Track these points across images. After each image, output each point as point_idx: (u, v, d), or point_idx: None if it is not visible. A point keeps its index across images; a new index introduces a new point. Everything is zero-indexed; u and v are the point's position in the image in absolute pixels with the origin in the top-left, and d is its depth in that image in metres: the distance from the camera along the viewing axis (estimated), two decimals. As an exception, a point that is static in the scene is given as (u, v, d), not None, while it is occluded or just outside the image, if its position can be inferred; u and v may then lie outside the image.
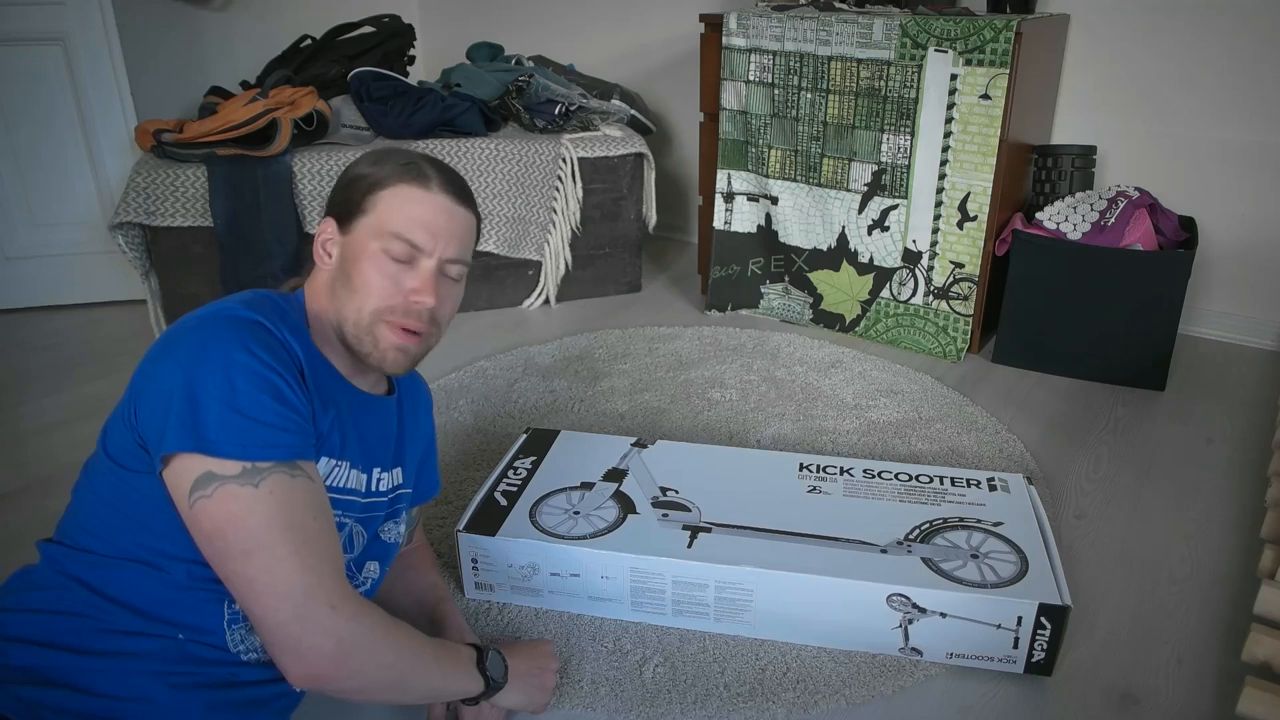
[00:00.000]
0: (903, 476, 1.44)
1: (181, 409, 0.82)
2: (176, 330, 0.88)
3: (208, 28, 2.94)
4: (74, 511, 0.92)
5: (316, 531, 0.85)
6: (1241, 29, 2.06)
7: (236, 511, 0.82)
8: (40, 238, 2.45)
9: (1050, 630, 1.16)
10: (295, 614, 0.82)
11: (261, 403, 0.84)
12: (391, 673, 0.88)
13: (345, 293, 0.98)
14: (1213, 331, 2.28)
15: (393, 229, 0.97)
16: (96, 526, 0.89)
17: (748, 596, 1.24)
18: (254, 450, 0.83)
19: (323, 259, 1.01)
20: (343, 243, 1.00)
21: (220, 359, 0.84)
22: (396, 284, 0.98)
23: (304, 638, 0.82)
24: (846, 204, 2.22)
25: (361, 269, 0.97)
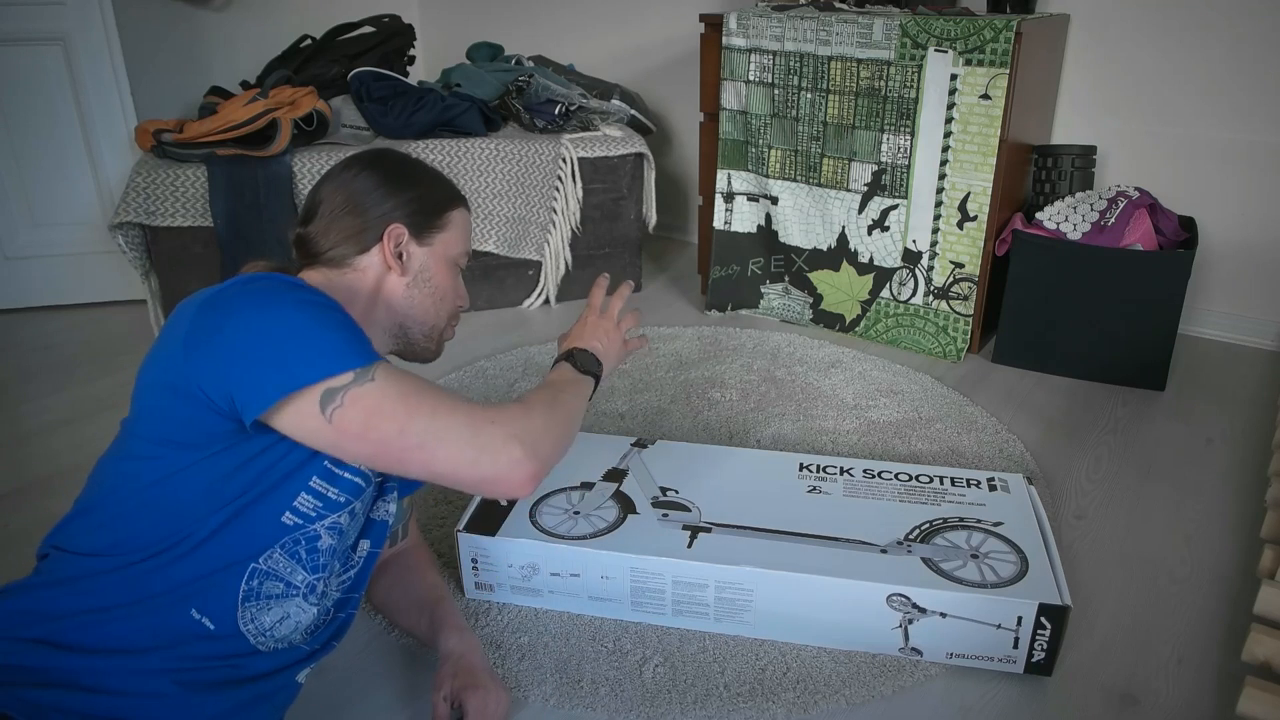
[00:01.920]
0: (903, 476, 1.44)
1: (270, 356, 0.85)
2: (210, 300, 0.89)
3: (208, 28, 2.94)
4: (90, 512, 0.91)
5: (433, 389, 0.93)
6: (1241, 29, 2.06)
7: (371, 404, 0.88)
8: (40, 237, 2.45)
9: (1050, 630, 1.16)
10: (478, 447, 0.91)
11: (334, 320, 0.90)
12: (559, 428, 1.01)
13: (428, 299, 1.10)
14: (1213, 331, 2.28)
15: (465, 247, 1.15)
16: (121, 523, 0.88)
17: (748, 596, 1.24)
18: (352, 358, 0.88)
19: (394, 263, 1.07)
20: (423, 254, 1.10)
21: (277, 301, 0.88)
22: (459, 292, 1.16)
23: (498, 460, 0.91)
24: (846, 204, 2.22)
25: (444, 278, 1.12)
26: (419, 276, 1.09)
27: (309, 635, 1.00)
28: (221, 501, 0.89)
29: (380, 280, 1.08)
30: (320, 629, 1.02)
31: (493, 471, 0.91)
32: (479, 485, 0.92)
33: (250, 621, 0.93)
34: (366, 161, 1.10)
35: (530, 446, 0.93)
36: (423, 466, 0.91)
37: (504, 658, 1.25)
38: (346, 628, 1.08)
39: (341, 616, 1.06)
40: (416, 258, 1.09)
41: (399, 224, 1.07)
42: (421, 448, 0.89)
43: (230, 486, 0.90)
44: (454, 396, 0.94)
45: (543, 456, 0.95)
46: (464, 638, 1.18)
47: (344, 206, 1.07)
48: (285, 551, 0.94)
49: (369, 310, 1.07)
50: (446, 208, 1.12)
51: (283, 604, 0.95)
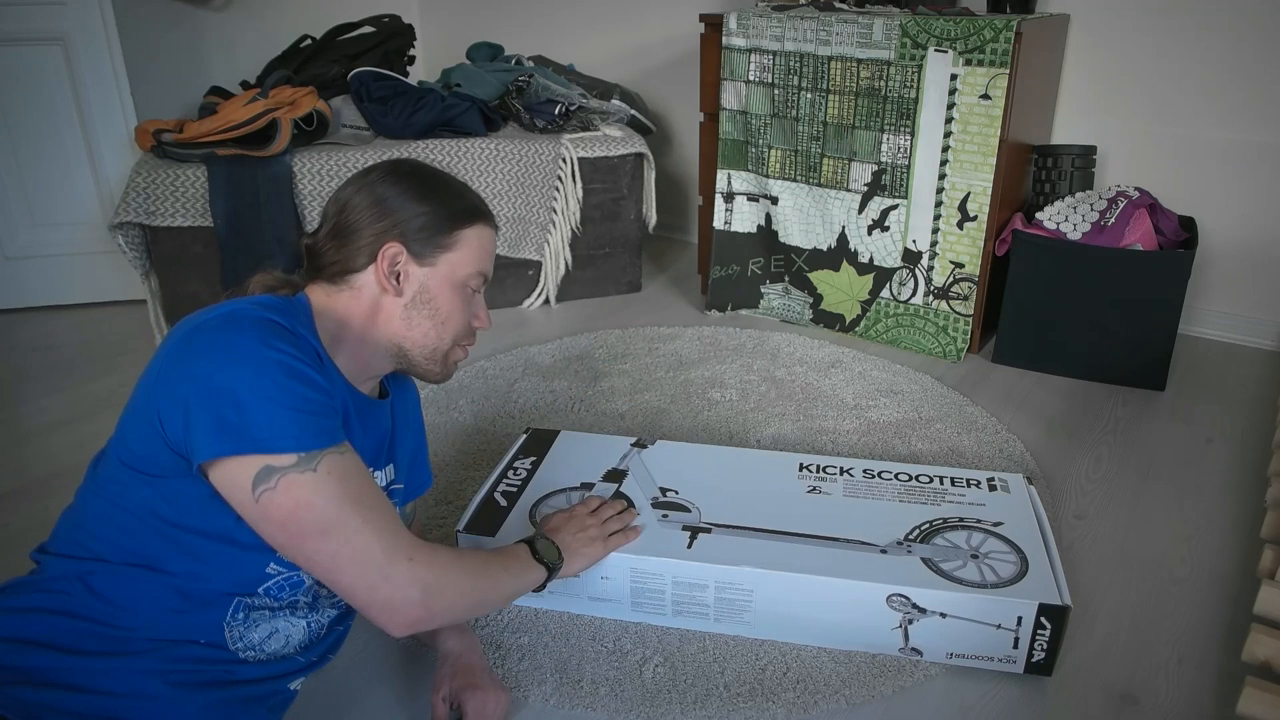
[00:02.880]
0: (903, 476, 1.44)
1: (225, 412, 0.83)
2: (193, 333, 0.87)
3: (208, 28, 2.94)
4: (78, 517, 0.91)
5: (374, 498, 0.90)
6: (1241, 29, 2.06)
7: (303, 497, 0.85)
8: (40, 238, 2.45)
9: (1050, 630, 1.16)
10: (381, 575, 0.88)
11: (299, 392, 0.86)
12: (473, 595, 0.98)
13: (427, 321, 1.05)
14: (1213, 331, 2.28)
15: (478, 268, 1.08)
16: (104, 531, 0.89)
17: (747, 596, 1.24)
18: (304, 440, 0.86)
19: (388, 284, 1.02)
20: (423, 275, 1.04)
21: (251, 356, 0.85)
22: (469, 313, 1.09)
23: (394, 594, 0.88)
24: (846, 204, 2.22)
25: (448, 301, 1.06)
26: (417, 299, 1.04)
27: (303, 649, 1.00)
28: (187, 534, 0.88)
29: (376, 301, 1.03)
30: (315, 643, 1.01)
31: (384, 601, 0.88)
32: (366, 608, 0.89)
33: (239, 639, 0.92)
34: (383, 171, 1.05)
35: (431, 598, 0.90)
36: (325, 573, 0.88)
37: (504, 658, 1.25)
38: (343, 640, 1.08)
39: (339, 630, 1.06)
40: (415, 279, 1.03)
41: (395, 243, 1.02)
42: (333, 556, 0.86)
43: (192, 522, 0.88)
44: (388, 512, 0.91)
45: (435, 612, 0.92)
46: (464, 637, 1.17)
47: (347, 219, 1.03)
48: (268, 591, 0.94)
49: (366, 331, 1.03)
50: (458, 225, 1.05)
51: (272, 621, 0.95)
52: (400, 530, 0.91)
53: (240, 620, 0.92)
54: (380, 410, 1.09)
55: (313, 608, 0.99)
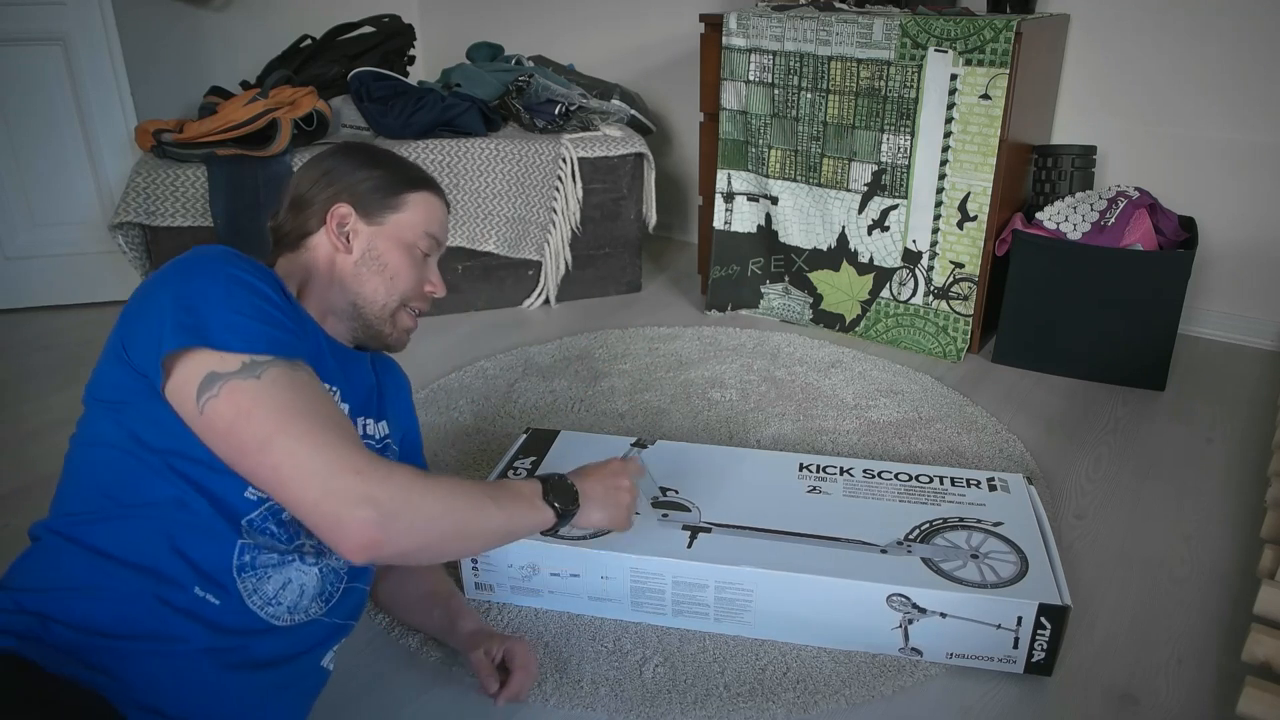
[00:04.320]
0: (903, 476, 1.44)
1: (177, 314, 0.85)
2: (158, 271, 0.91)
3: (208, 28, 2.94)
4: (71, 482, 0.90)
5: (326, 413, 0.86)
6: (1242, 29, 2.06)
7: (244, 405, 0.83)
8: (40, 237, 2.45)
9: (1050, 630, 1.16)
10: (325, 488, 0.82)
11: (253, 303, 0.87)
12: (445, 521, 0.88)
13: (375, 277, 1.09)
14: (1213, 331, 2.28)
15: (427, 229, 1.13)
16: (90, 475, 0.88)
17: (748, 596, 1.24)
18: (253, 343, 0.85)
19: (339, 243, 1.08)
20: (370, 232, 1.09)
21: (210, 271, 0.88)
22: (419, 276, 1.13)
23: (341, 509, 0.81)
24: (846, 204, 2.22)
25: (396, 259, 1.10)
26: (366, 255, 1.09)
27: (324, 603, 0.96)
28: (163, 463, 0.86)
29: (331, 259, 1.09)
30: (336, 598, 0.98)
31: (331, 519, 0.81)
32: (315, 529, 0.83)
33: (253, 593, 0.89)
34: (333, 149, 1.14)
35: (386, 518, 0.82)
36: (271, 489, 0.84)
37: (504, 658, 1.25)
38: (364, 603, 1.07)
39: (358, 587, 1.03)
40: (363, 236, 1.09)
41: (344, 203, 1.09)
42: (275, 469, 0.82)
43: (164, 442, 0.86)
44: (338, 428, 0.85)
45: (393, 534, 0.83)
46: (480, 627, 1.21)
47: (301, 192, 1.10)
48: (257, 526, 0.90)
49: (325, 291, 1.08)
50: (404, 189, 1.12)
51: (282, 570, 0.91)
52: (353, 445, 0.85)
53: (249, 566, 0.88)
54: (360, 361, 1.12)
55: (320, 552, 0.96)
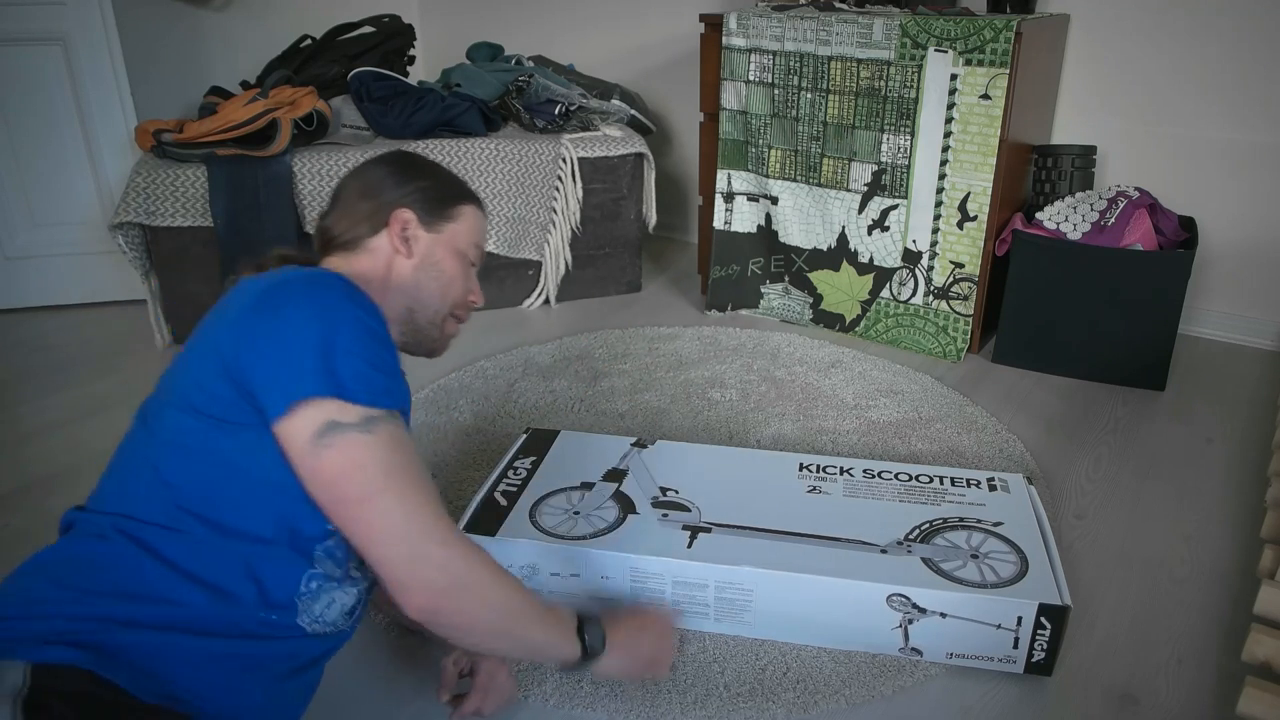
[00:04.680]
0: (903, 476, 1.44)
1: (320, 359, 0.86)
2: (278, 288, 0.89)
3: (208, 28, 2.94)
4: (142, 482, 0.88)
5: (419, 475, 0.91)
6: (1241, 29, 2.06)
7: (357, 458, 0.86)
8: (40, 238, 2.45)
9: (1050, 630, 1.16)
10: (411, 553, 0.87)
11: (380, 355, 0.90)
12: (497, 615, 0.93)
13: (433, 283, 1.12)
14: (1212, 331, 2.28)
15: (475, 240, 1.17)
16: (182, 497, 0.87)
17: (747, 596, 1.24)
18: (376, 397, 0.88)
19: (400, 246, 1.10)
20: (430, 239, 1.12)
21: (346, 313, 0.89)
22: (467, 285, 1.17)
23: (418, 572, 0.87)
24: (846, 204, 2.22)
25: (452, 267, 1.13)
26: (425, 261, 1.11)
27: (350, 616, 1.00)
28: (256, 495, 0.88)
29: (390, 262, 1.10)
30: (359, 611, 1.02)
31: (406, 581, 0.87)
32: (389, 581, 0.87)
33: (306, 611, 0.92)
34: (385, 158, 1.16)
35: (455, 590, 0.88)
36: (359, 541, 0.88)
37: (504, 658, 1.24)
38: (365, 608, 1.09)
39: (368, 596, 1.06)
40: (423, 242, 1.11)
41: (408, 208, 1.11)
42: (369, 524, 0.86)
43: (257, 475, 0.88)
44: (429, 492, 0.90)
45: (454, 607, 0.89)
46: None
47: (359, 194, 1.12)
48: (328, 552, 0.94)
49: (381, 295, 1.09)
50: (458, 201, 1.15)
51: (331, 592, 0.95)
52: (441, 515, 0.91)
53: (311, 591, 0.92)
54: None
55: (365, 576, 0.99)
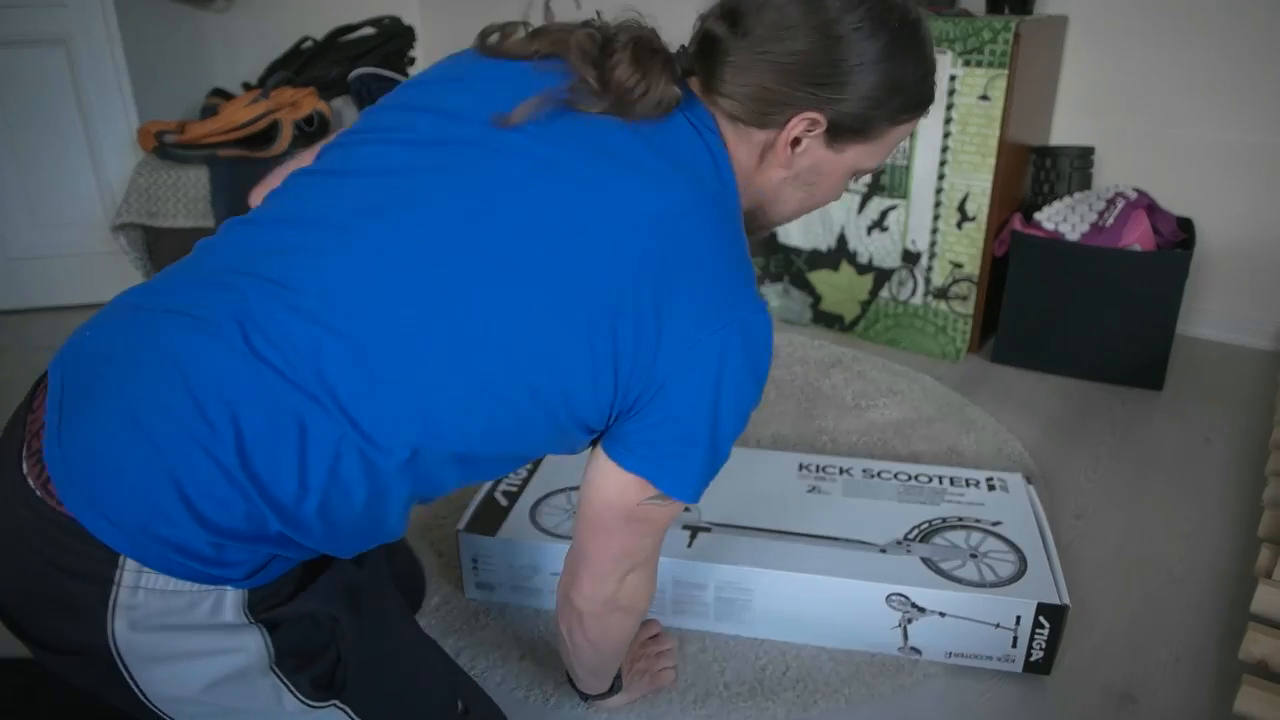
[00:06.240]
0: (902, 476, 1.44)
1: (713, 460, 0.84)
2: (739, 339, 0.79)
3: (210, 29, 2.95)
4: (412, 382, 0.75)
5: (662, 537, 0.93)
6: (1240, 30, 2.06)
7: (672, 511, 0.87)
8: (43, 239, 2.45)
9: (1049, 629, 1.17)
10: (621, 580, 0.91)
11: (731, 446, 0.86)
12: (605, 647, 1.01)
13: (797, 201, 0.92)
14: (1210, 332, 2.29)
15: (876, 164, 0.91)
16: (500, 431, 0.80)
17: (747, 596, 1.25)
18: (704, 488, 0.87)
19: (786, 154, 0.85)
20: (822, 157, 0.87)
21: (746, 398, 0.83)
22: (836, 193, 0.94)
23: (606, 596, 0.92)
24: (846, 204, 2.22)
25: (828, 189, 0.91)
26: (802, 176, 0.88)
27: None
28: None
29: (765, 157, 0.87)
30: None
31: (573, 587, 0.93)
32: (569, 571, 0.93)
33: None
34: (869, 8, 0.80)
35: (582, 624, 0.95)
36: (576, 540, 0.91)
37: (504, 657, 1.25)
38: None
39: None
40: (811, 157, 0.86)
41: (818, 115, 0.82)
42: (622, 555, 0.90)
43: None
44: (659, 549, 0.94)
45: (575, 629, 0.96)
46: None
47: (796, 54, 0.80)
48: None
49: (744, 188, 0.89)
50: (898, 120, 0.86)
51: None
52: (645, 577, 0.95)
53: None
54: None
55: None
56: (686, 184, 0.80)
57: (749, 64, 0.81)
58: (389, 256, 0.75)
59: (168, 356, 0.71)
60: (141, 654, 0.72)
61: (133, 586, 0.70)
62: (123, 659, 0.72)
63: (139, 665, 0.72)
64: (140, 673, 0.73)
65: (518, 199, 0.77)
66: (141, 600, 0.71)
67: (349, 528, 0.77)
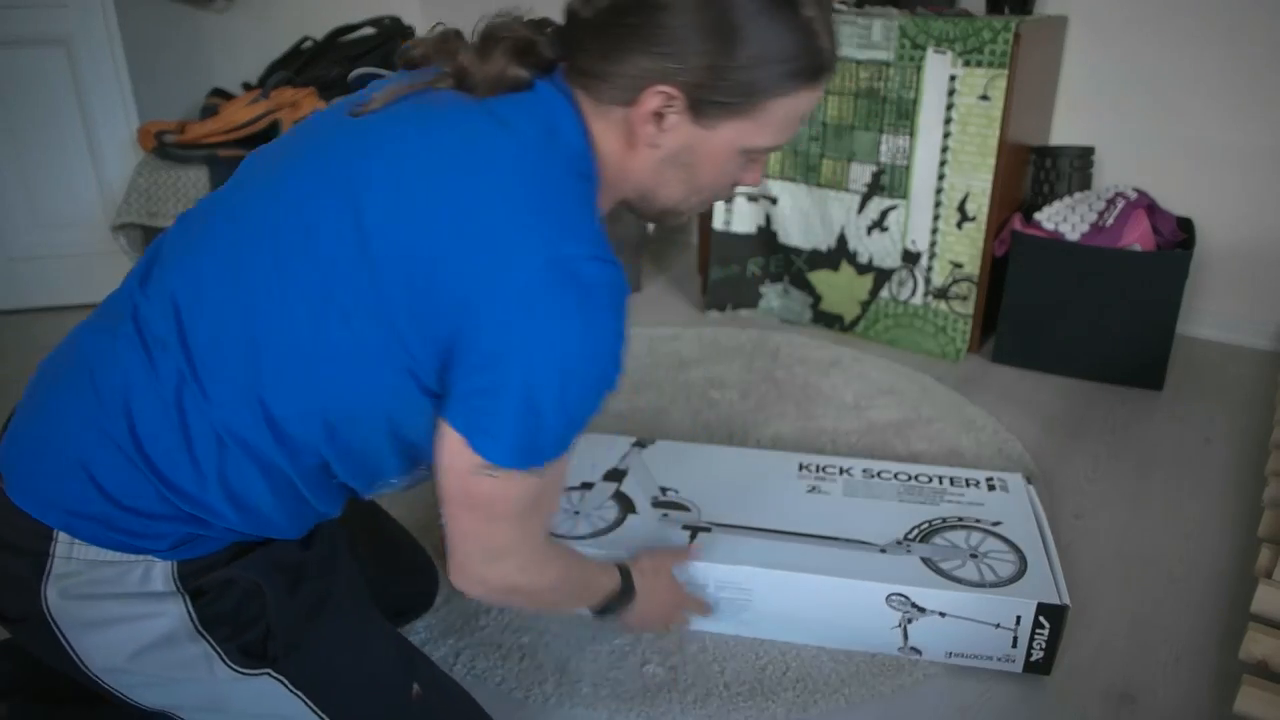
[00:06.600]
0: (902, 476, 1.44)
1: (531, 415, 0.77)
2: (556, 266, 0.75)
3: (210, 29, 2.95)
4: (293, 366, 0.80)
5: (554, 501, 0.92)
6: (1240, 29, 2.06)
7: (512, 491, 0.83)
8: (43, 239, 2.45)
9: (1049, 630, 1.17)
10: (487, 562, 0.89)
11: (595, 405, 0.82)
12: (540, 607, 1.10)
13: (678, 184, 0.88)
14: (1210, 332, 2.29)
15: (769, 144, 0.85)
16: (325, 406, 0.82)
17: (746, 595, 1.25)
18: (562, 452, 0.83)
19: (648, 131, 0.82)
20: (693, 135, 0.83)
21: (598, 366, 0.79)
22: (736, 177, 0.90)
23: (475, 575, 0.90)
24: (846, 204, 2.22)
25: (711, 172, 0.87)
26: (674, 158, 0.85)
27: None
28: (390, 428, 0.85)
29: (633, 136, 0.84)
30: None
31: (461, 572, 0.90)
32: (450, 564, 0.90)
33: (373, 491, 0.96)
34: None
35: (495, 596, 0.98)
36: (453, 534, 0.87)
37: (504, 658, 1.25)
38: None
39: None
40: (680, 136, 0.83)
41: (669, 88, 0.79)
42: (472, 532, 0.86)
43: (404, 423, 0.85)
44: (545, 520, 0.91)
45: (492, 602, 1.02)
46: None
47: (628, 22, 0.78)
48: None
49: (601, 168, 0.87)
50: (771, 92, 0.80)
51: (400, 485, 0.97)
52: (538, 535, 0.91)
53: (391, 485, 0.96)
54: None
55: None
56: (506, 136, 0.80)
57: (594, 37, 0.81)
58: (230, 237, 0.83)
59: (79, 358, 0.83)
60: (72, 619, 0.80)
61: (65, 557, 0.79)
62: (58, 625, 0.80)
63: (73, 631, 0.80)
64: (75, 640, 0.80)
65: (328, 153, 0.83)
66: (74, 569, 0.79)
67: (267, 509, 0.84)
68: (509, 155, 0.79)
